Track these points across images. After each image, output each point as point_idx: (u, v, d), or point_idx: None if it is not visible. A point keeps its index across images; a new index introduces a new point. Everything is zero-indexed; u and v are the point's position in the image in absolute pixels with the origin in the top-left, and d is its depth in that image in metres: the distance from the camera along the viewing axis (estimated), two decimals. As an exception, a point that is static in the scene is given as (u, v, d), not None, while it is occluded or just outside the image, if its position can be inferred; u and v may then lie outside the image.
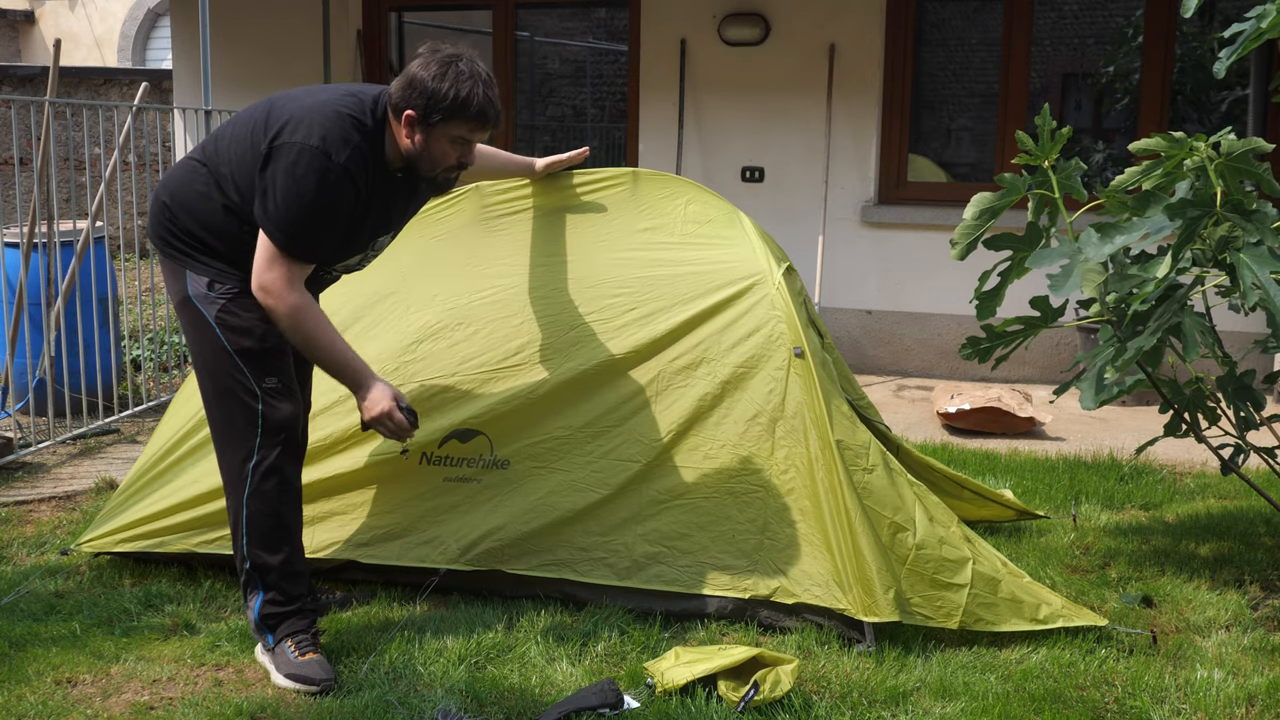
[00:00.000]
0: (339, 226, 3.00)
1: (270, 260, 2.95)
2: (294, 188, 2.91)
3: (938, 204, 6.93)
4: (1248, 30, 3.39)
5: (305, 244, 2.96)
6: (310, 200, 2.91)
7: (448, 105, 2.95)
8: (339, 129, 2.95)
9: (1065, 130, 3.51)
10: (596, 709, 2.84)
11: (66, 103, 5.29)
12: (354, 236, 3.11)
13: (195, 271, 3.09)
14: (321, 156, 2.91)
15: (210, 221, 3.07)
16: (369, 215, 3.09)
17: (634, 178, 3.71)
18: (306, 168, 2.90)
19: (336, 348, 3.02)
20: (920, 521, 3.28)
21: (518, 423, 3.53)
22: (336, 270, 3.23)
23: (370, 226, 3.13)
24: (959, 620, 3.23)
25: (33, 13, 16.17)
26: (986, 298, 3.62)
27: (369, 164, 3.00)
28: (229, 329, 3.04)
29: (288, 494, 3.11)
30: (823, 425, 3.31)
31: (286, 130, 2.95)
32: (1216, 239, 3.22)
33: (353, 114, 2.99)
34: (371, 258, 3.29)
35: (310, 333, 2.98)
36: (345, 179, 2.94)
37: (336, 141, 2.93)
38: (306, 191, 2.91)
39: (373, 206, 3.08)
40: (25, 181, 9.40)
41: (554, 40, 7.91)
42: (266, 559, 3.10)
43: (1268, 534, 4.15)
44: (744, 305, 3.50)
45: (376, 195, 3.06)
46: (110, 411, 5.70)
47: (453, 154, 3.05)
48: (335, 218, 2.97)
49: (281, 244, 2.93)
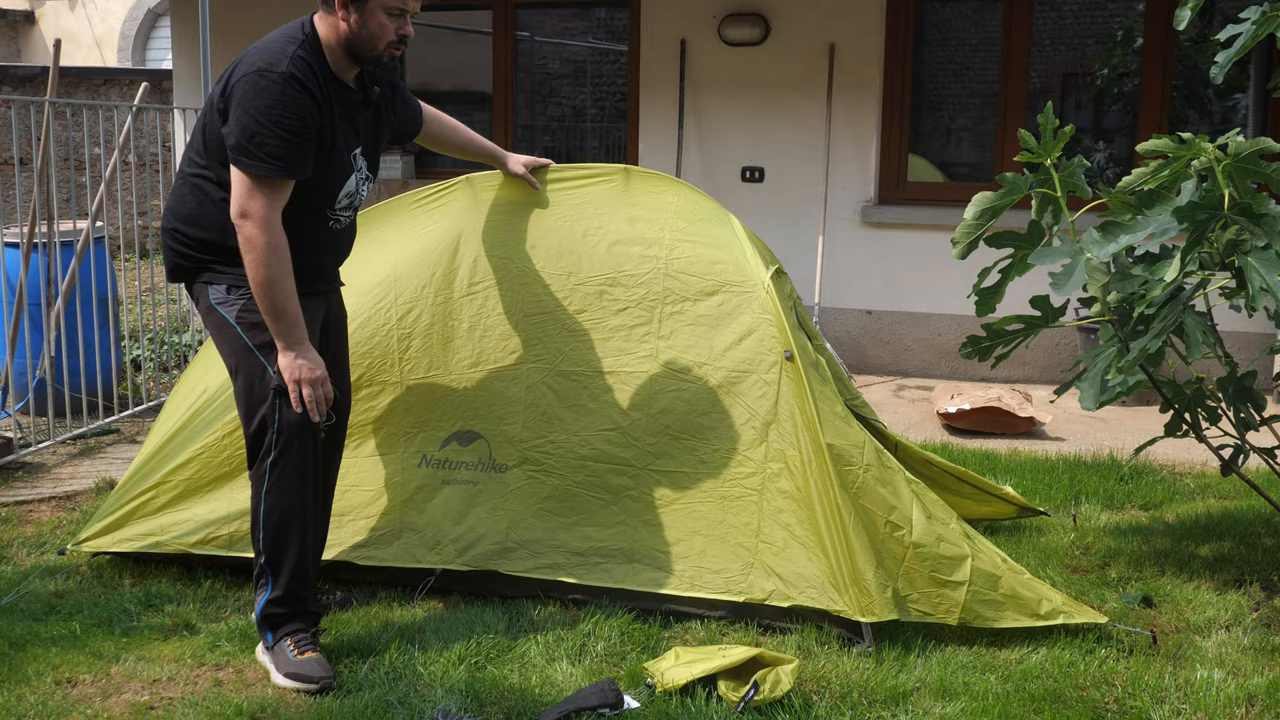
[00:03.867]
0: (306, 136, 2.99)
1: (248, 188, 2.96)
2: (248, 111, 2.95)
3: (938, 204, 6.92)
4: (1245, 33, 3.39)
5: (276, 159, 2.95)
6: (264, 114, 2.93)
7: None
8: (274, 48, 3.02)
9: (1068, 129, 3.51)
10: (596, 709, 2.84)
11: (66, 103, 5.29)
12: (332, 152, 3.09)
13: (215, 283, 3.13)
14: (264, 74, 2.96)
15: (214, 220, 3.09)
16: (336, 126, 3.09)
17: (625, 174, 3.71)
18: (254, 90, 2.95)
19: (292, 298, 3.00)
20: (918, 519, 3.28)
21: (514, 426, 3.53)
22: (341, 204, 3.20)
23: (344, 140, 3.13)
24: (958, 616, 3.23)
25: (33, 13, 16.16)
26: (986, 293, 3.61)
27: (314, 70, 3.02)
28: (249, 326, 3.07)
29: (304, 493, 3.10)
30: (814, 428, 3.31)
31: (233, 78, 3.01)
32: (1224, 243, 3.22)
33: (284, 34, 3.07)
34: (367, 184, 3.26)
35: (278, 273, 2.96)
36: (292, 83, 2.96)
37: (274, 58, 2.99)
38: (260, 108, 2.94)
39: (336, 116, 3.08)
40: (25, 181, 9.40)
41: (554, 40, 7.91)
42: (278, 556, 3.11)
43: (1268, 534, 4.15)
44: (734, 308, 3.50)
45: (336, 104, 3.08)
46: (110, 411, 5.70)
47: (390, 27, 3.04)
48: (298, 126, 2.97)
49: (252, 168, 2.94)
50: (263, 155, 2.94)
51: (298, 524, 3.11)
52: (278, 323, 3.00)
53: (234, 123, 2.97)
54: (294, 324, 3.00)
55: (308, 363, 3.01)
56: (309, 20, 3.10)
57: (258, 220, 2.94)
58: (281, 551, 3.11)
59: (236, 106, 2.97)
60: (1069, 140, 3.54)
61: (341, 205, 3.21)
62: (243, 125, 2.95)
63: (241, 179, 2.96)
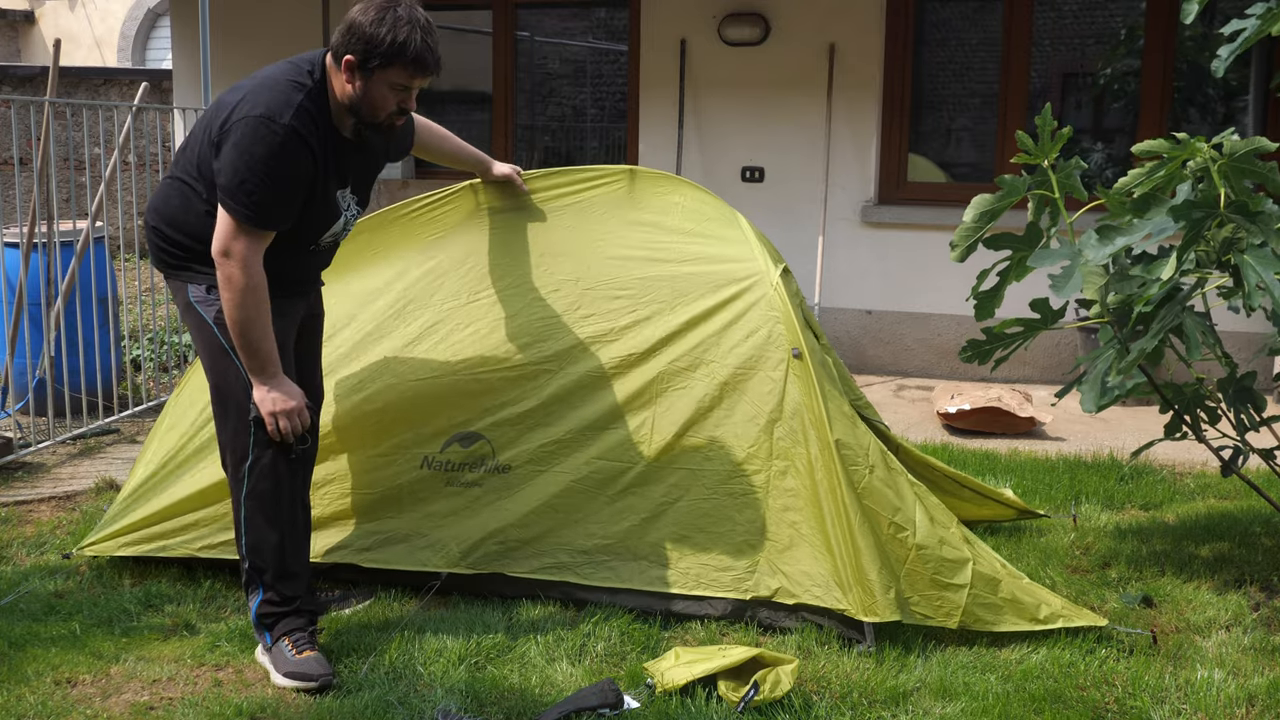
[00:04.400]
0: (297, 189, 2.99)
1: (232, 230, 2.94)
2: (244, 157, 2.92)
3: (938, 204, 6.92)
4: (1249, 28, 3.39)
5: (262, 211, 2.94)
6: (260, 165, 2.91)
7: (384, 50, 2.94)
8: (280, 94, 2.97)
9: (1065, 130, 3.51)
10: (596, 709, 2.84)
11: (66, 103, 5.29)
12: (324, 200, 3.09)
13: (194, 282, 3.13)
14: (266, 123, 2.92)
15: (196, 230, 3.10)
16: (330, 175, 3.08)
17: (631, 175, 3.70)
18: (253, 136, 2.91)
19: (267, 336, 3.00)
20: (920, 521, 3.28)
21: (519, 427, 3.53)
22: (325, 242, 3.21)
23: (335, 185, 3.12)
24: (959, 620, 3.23)
25: (33, 13, 16.16)
26: (984, 297, 3.61)
27: (316, 122, 3.00)
28: (225, 327, 3.06)
29: (283, 495, 3.11)
30: (821, 426, 3.31)
31: (235, 113, 2.97)
32: (1220, 241, 3.22)
33: (291, 78, 3.01)
34: (355, 218, 3.27)
35: (258, 312, 2.97)
36: (293, 138, 2.93)
37: (279, 105, 2.95)
38: (256, 158, 2.91)
39: (331, 164, 3.07)
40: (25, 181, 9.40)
41: (554, 40, 7.91)
42: (261, 559, 3.12)
43: (1268, 534, 4.15)
44: (742, 306, 3.50)
45: (332, 154, 3.07)
46: (110, 411, 5.70)
47: (392, 100, 3.03)
48: (291, 180, 2.96)
49: (239, 215, 2.93)
50: (250, 204, 2.92)
51: (278, 526, 3.12)
52: (252, 360, 3.00)
53: (227, 163, 2.94)
54: (268, 359, 3.01)
55: (282, 395, 3.02)
56: (320, 65, 3.06)
57: (238, 262, 2.93)
58: (264, 553, 3.12)
59: (232, 148, 2.93)
60: (1068, 141, 3.54)
61: (325, 241, 3.22)
62: (235, 169, 2.92)
63: (226, 219, 2.95)
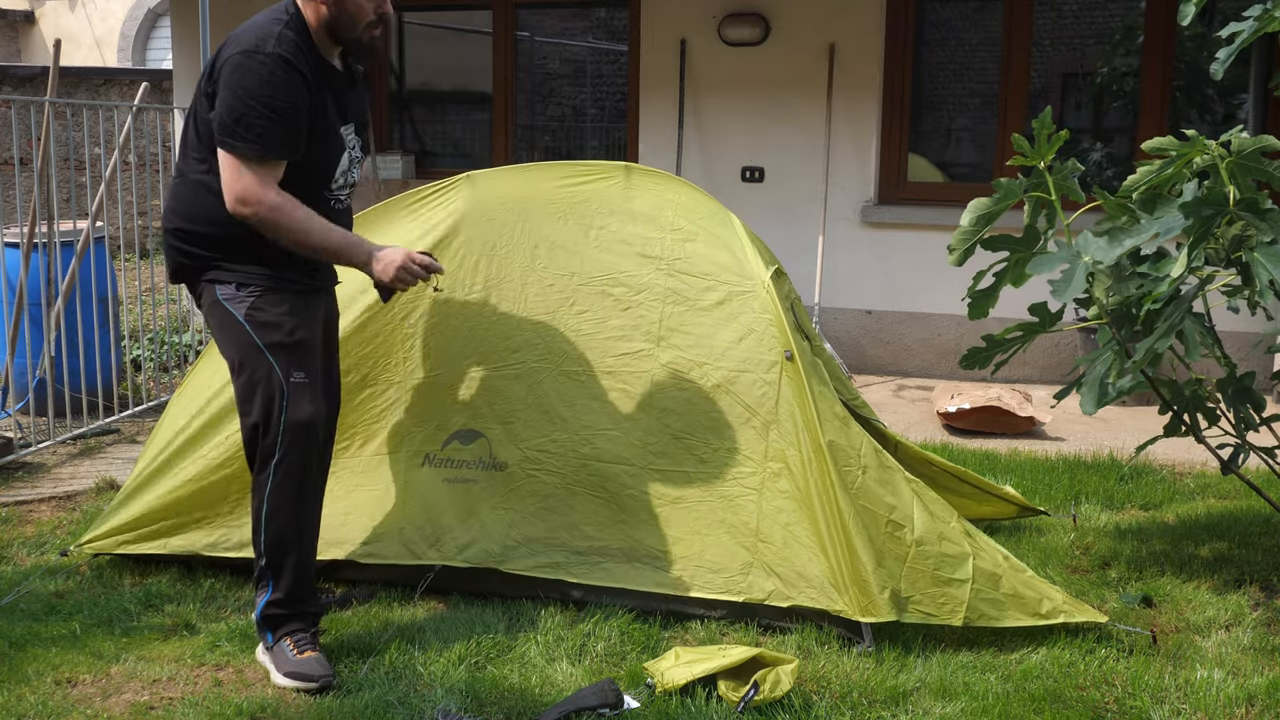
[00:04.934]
0: (297, 115, 2.98)
1: (236, 170, 2.95)
2: (237, 92, 2.93)
3: (938, 204, 6.92)
4: (1246, 30, 3.39)
5: (265, 139, 2.94)
6: (255, 94, 2.92)
7: None
8: (261, 29, 3.01)
9: (1062, 133, 3.51)
10: (596, 709, 2.84)
11: (66, 103, 5.30)
12: (325, 130, 3.09)
13: (222, 281, 3.11)
14: (252, 54, 2.94)
15: (215, 214, 3.07)
16: (328, 104, 3.08)
17: (626, 172, 3.71)
18: (243, 70, 2.94)
19: (331, 233, 3.04)
20: (919, 518, 3.28)
21: (515, 425, 3.53)
22: (338, 183, 3.19)
23: (334, 117, 3.12)
24: (963, 616, 3.22)
25: (33, 13, 16.16)
26: (979, 296, 3.61)
27: (302, 49, 3.01)
28: (258, 325, 3.06)
29: (306, 495, 3.10)
30: (814, 428, 3.31)
31: (219, 62, 3.01)
32: (1230, 238, 3.22)
33: (269, 16, 3.05)
34: (358, 163, 3.26)
35: (300, 224, 2.99)
36: (281, 64, 2.94)
37: (262, 37, 2.97)
38: (249, 87, 2.93)
39: (327, 94, 3.08)
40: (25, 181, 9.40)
41: (554, 40, 7.91)
42: (279, 558, 3.10)
43: (1268, 534, 4.15)
44: (735, 308, 3.50)
45: (325, 83, 3.08)
46: (110, 411, 5.70)
47: (367, 7, 3.05)
48: (288, 106, 2.96)
49: (241, 150, 2.93)
50: (252, 136, 2.93)
51: (299, 526, 3.10)
52: (341, 258, 3.08)
53: (221, 104, 2.96)
54: (353, 243, 3.08)
55: (385, 258, 3.06)
56: (291, 1, 3.09)
57: (254, 200, 2.95)
58: (283, 554, 3.10)
59: (224, 88, 2.95)
60: (1070, 141, 3.54)
61: (338, 184, 3.20)
62: (230, 106, 2.94)
63: (230, 161, 2.95)
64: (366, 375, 3.61)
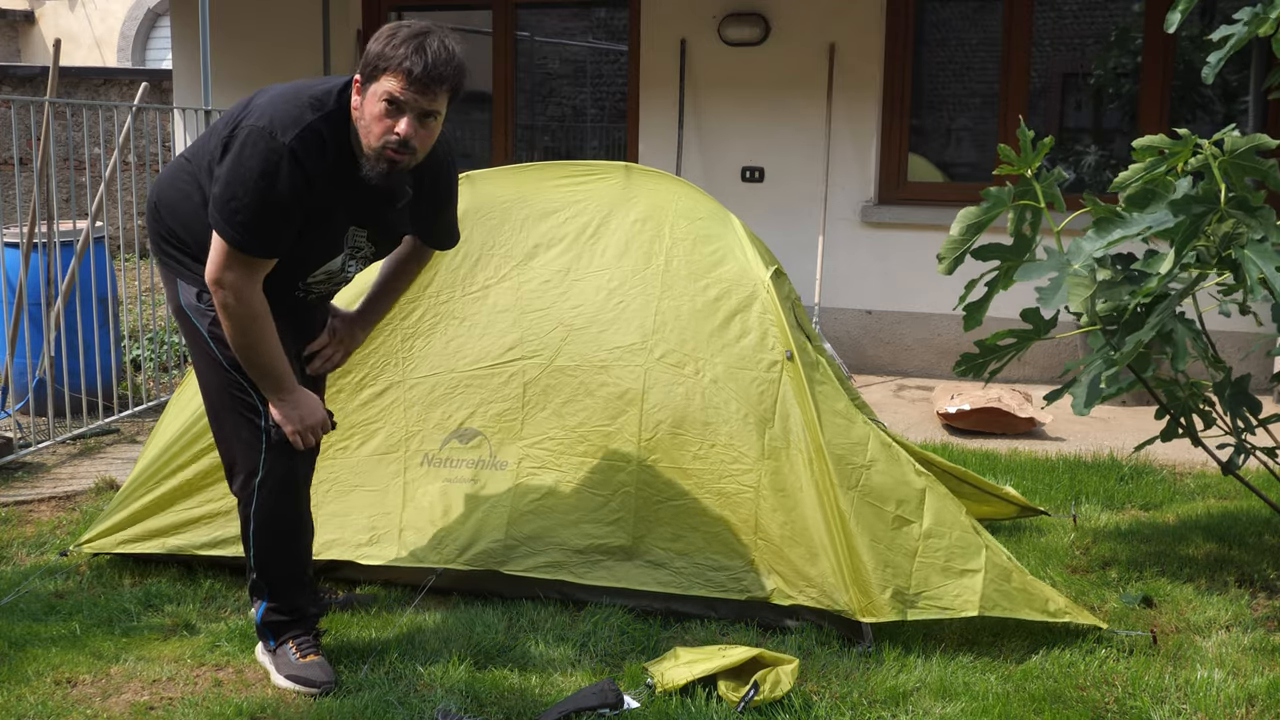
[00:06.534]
0: (287, 217, 2.77)
1: (224, 257, 2.77)
2: (236, 171, 2.74)
3: (938, 204, 6.92)
4: (1236, 34, 3.39)
5: (249, 234, 2.75)
6: (250, 184, 2.71)
7: (375, 55, 2.73)
8: (293, 110, 2.77)
9: (1047, 140, 3.50)
10: (596, 709, 2.84)
11: (66, 103, 5.30)
12: (323, 230, 2.89)
13: (185, 280, 2.97)
14: (267, 137, 2.72)
15: (190, 222, 2.93)
16: (336, 207, 2.87)
17: (626, 172, 3.71)
18: (251, 150, 2.73)
19: (275, 357, 2.85)
20: (929, 511, 3.26)
21: (513, 423, 3.53)
22: (317, 279, 3.01)
23: (342, 219, 2.92)
24: (978, 606, 3.17)
25: (33, 13, 16.16)
26: (972, 308, 3.60)
27: (324, 147, 2.77)
28: (222, 343, 2.90)
29: (295, 507, 3.05)
30: (814, 428, 3.31)
31: (245, 118, 2.80)
32: (1220, 236, 3.22)
33: (314, 95, 2.80)
34: (355, 267, 3.08)
35: (259, 339, 2.83)
36: (289, 160, 2.71)
37: (285, 122, 2.74)
38: (250, 175, 2.72)
39: (343, 198, 2.86)
40: (25, 181, 9.40)
41: (554, 40, 7.91)
42: (272, 571, 3.07)
43: (1268, 534, 4.15)
44: (734, 306, 3.50)
45: (346, 186, 2.84)
46: (110, 411, 5.70)
47: (384, 120, 2.73)
48: (281, 205, 2.74)
49: (229, 236, 2.74)
50: (235, 224, 2.74)
51: (289, 537, 3.06)
52: (264, 382, 2.87)
53: (222, 173, 2.77)
54: (281, 379, 2.87)
55: (300, 411, 2.90)
56: (349, 84, 2.84)
57: (232, 292, 2.78)
58: (274, 566, 3.06)
59: (230, 157, 2.76)
60: (1068, 141, 3.54)
61: (316, 279, 3.01)
62: (227, 182, 2.75)
63: (219, 244, 2.78)
64: (366, 375, 3.61)
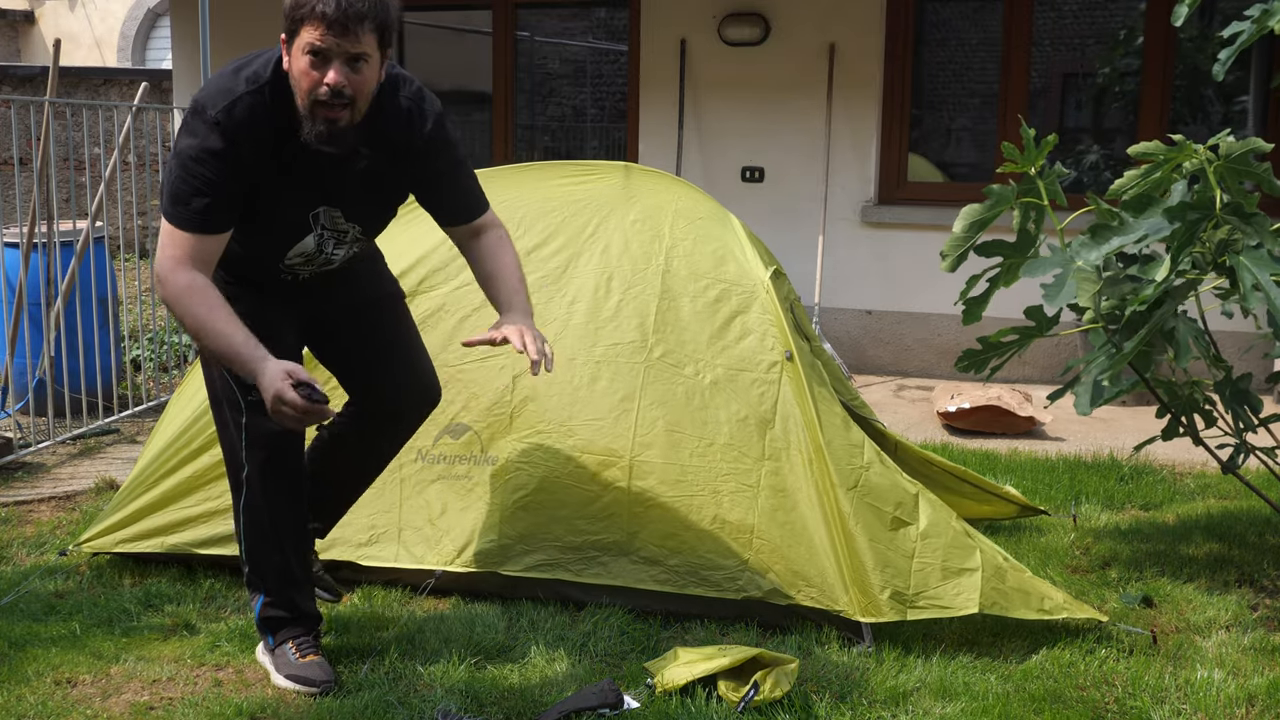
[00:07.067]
0: (217, 188, 2.66)
1: (163, 240, 2.70)
2: (175, 149, 2.70)
3: (938, 204, 6.92)
4: (1246, 30, 3.39)
5: (185, 208, 2.66)
6: (182, 159, 2.66)
7: (290, 7, 2.61)
8: (225, 84, 2.69)
9: (1051, 138, 3.50)
10: (596, 709, 2.84)
11: (66, 103, 5.30)
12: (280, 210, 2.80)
13: None
14: (196, 114, 2.67)
15: None
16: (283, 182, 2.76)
17: (626, 171, 3.71)
18: (184, 128, 2.69)
19: (227, 335, 2.64)
20: (924, 513, 3.27)
21: (504, 418, 3.52)
22: (293, 260, 2.91)
23: (294, 196, 2.80)
24: (979, 603, 3.18)
25: (33, 13, 16.16)
26: (972, 303, 3.60)
27: (253, 118, 2.66)
28: None
29: (281, 503, 3.04)
30: (813, 428, 3.31)
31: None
32: (1216, 242, 3.22)
33: (251, 69, 2.72)
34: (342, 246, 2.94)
35: (199, 317, 2.64)
36: (215, 131, 2.63)
37: (215, 95, 2.67)
38: (181, 151, 2.67)
39: (291, 170, 2.75)
40: (25, 181, 9.40)
41: (554, 40, 7.91)
42: (263, 565, 3.08)
43: (1268, 534, 4.15)
44: (734, 307, 3.50)
45: (291, 158, 2.73)
46: (110, 411, 5.70)
47: (310, 73, 2.61)
48: (207, 178, 2.65)
49: (166, 212, 2.68)
50: (169, 197, 2.68)
51: (277, 532, 3.05)
52: (230, 364, 2.69)
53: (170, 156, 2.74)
54: (249, 355, 2.63)
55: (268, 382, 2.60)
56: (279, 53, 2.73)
57: (162, 277, 2.68)
58: (264, 560, 3.06)
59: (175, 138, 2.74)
60: (1068, 142, 3.55)
61: (294, 261, 2.92)
62: (170, 165, 2.71)
63: (163, 225, 2.73)
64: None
